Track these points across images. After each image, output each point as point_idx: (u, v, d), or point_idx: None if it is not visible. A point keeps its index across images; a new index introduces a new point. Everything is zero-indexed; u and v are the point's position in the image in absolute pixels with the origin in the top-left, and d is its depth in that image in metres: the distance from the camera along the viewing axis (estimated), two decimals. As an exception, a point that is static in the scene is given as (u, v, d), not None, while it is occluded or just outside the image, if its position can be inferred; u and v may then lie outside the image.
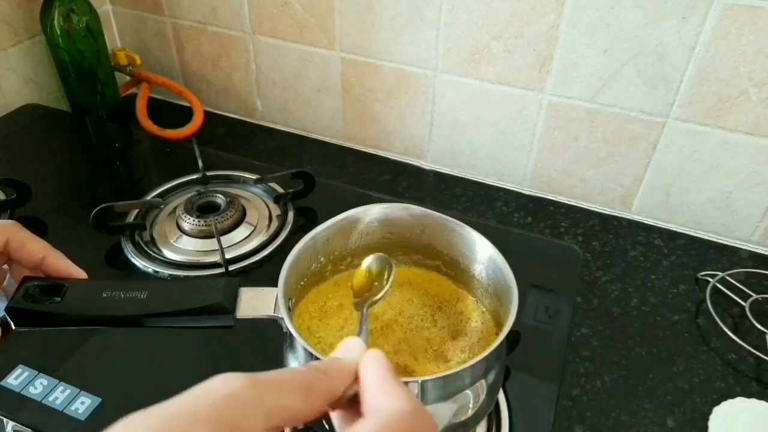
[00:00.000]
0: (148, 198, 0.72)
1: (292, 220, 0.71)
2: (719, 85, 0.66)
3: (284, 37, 0.86)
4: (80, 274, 0.46)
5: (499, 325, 0.49)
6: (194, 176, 0.75)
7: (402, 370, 0.47)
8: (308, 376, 0.27)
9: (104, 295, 0.43)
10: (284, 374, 0.26)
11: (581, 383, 0.58)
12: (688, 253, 0.74)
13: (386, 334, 0.50)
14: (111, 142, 0.90)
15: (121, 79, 0.96)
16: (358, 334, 0.42)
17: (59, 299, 0.42)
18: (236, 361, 0.56)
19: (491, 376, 0.44)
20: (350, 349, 0.30)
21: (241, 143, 0.93)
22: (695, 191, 0.74)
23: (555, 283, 0.64)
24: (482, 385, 0.43)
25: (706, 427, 0.54)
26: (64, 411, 0.49)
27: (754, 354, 0.60)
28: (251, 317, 0.43)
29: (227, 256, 0.64)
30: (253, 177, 0.75)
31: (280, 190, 0.74)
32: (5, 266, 0.44)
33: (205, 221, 0.67)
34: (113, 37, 0.99)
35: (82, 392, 0.51)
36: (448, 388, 0.41)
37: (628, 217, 0.80)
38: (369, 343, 0.45)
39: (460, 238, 0.51)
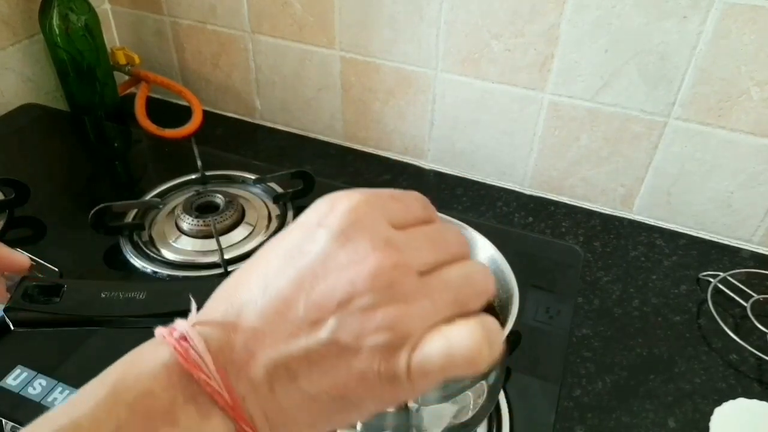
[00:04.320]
0: (147, 198, 0.72)
1: (291, 221, 0.70)
2: (720, 84, 0.66)
3: (284, 36, 0.85)
4: (21, 260, 0.46)
5: (499, 326, 0.49)
6: (193, 176, 0.75)
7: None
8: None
9: (103, 295, 0.43)
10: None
11: (582, 384, 0.58)
12: (690, 254, 0.74)
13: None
14: (110, 142, 0.90)
15: (120, 78, 0.96)
16: None
17: (58, 299, 0.42)
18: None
19: (492, 377, 0.44)
20: None
21: (241, 143, 0.93)
22: (696, 191, 0.74)
23: (556, 284, 0.64)
24: (483, 386, 0.43)
25: (707, 428, 0.54)
26: (63, 412, 0.49)
27: (756, 354, 0.60)
28: (251, 318, 0.42)
29: (226, 257, 0.64)
30: (253, 177, 0.75)
31: (280, 190, 0.74)
32: None
33: (204, 221, 0.66)
34: (112, 37, 0.98)
35: (81, 393, 0.50)
36: (449, 389, 0.41)
37: (630, 217, 0.79)
38: None
39: (460, 238, 0.50)
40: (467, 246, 0.27)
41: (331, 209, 0.25)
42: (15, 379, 0.51)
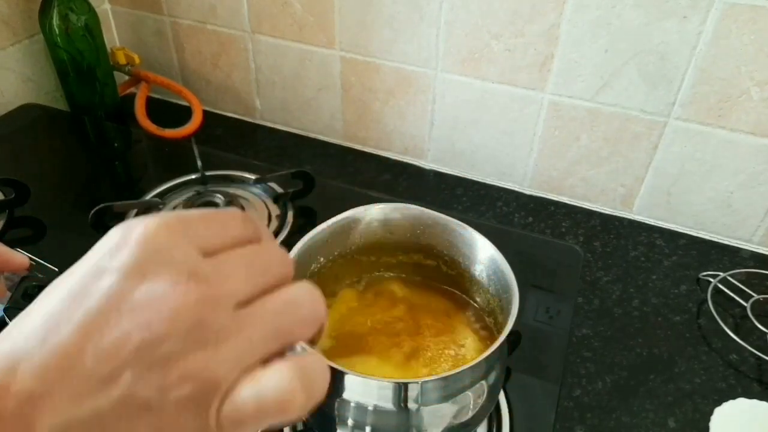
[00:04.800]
0: (147, 198, 0.72)
1: (291, 220, 0.70)
2: (720, 84, 0.66)
3: (284, 36, 0.85)
4: (20, 260, 0.46)
5: (499, 326, 0.49)
6: (193, 176, 0.75)
7: (401, 371, 0.46)
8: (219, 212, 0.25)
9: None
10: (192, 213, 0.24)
11: (582, 384, 0.58)
12: (690, 254, 0.73)
13: (386, 335, 0.49)
14: (110, 142, 0.90)
15: (120, 78, 0.96)
16: None
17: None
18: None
19: (492, 377, 0.44)
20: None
21: (241, 143, 0.93)
22: (696, 191, 0.74)
23: (556, 284, 0.64)
24: (483, 386, 0.43)
25: (707, 428, 0.54)
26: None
27: (756, 354, 0.60)
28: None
29: (226, 256, 0.63)
30: (253, 177, 0.74)
31: (280, 190, 0.74)
32: None
33: (204, 221, 0.66)
34: (112, 37, 0.98)
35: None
36: (449, 389, 0.41)
37: (630, 217, 0.79)
38: None
39: (460, 238, 0.50)
40: (291, 266, 0.25)
41: (124, 240, 0.21)
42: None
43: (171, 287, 0.20)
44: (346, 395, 0.40)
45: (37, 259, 0.62)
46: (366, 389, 0.40)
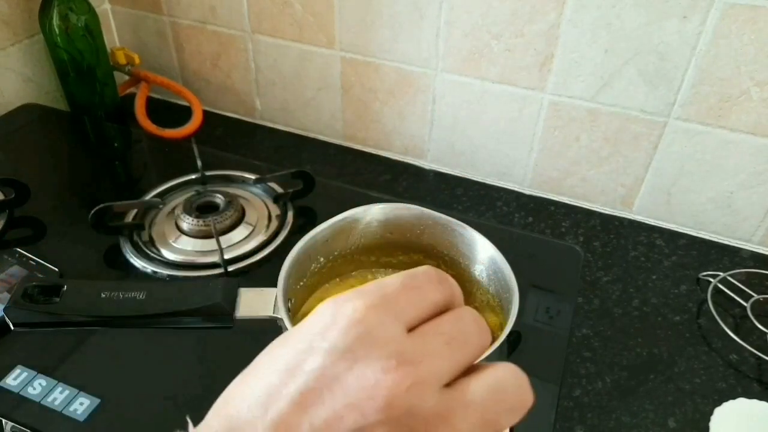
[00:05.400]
0: (147, 198, 0.72)
1: (291, 220, 0.70)
2: (720, 84, 0.66)
3: (284, 36, 0.85)
4: None
5: (499, 326, 0.49)
6: (193, 176, 0.75)
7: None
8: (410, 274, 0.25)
9: (103, 295, 0.43)
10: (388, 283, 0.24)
11: (582, 384, 0.58)
12: (690, 254, 0.74)
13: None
14: (110, 142, 0.90)
15: (120, 78, 0.96)
16: None
17: (58, 299, 0.42)
18: (236, 361, 0.55)
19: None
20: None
21: (241, 143, 0.93)
22: (696, 191, 0.74)
23: (556, 284, 0.64)
24: (483, 386, 0.43)
25: (707, 428, 0.54)
26: (63, 411, 0.49)
27: (756, 354, 0.60)
28: (250, 317, 0.43)
29: (226, 257, 0.64)
30: (253, 177, 0.74)
31: (280, 190, 0.74)
32: None
33: (204, 221, 0.66)
34: (112, 37, 0.98)
35: (81, 393, 0.50)
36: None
37: (630, 217, 0.79)
38: None
39: (460, 238, 0.50)
40: (488, 333, 0.24)
41: (334, 321, 0.22)
42: (15, 379, 0.51)
43: (382, 374, 0.21)
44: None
45: (37, 258, 0.62)
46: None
